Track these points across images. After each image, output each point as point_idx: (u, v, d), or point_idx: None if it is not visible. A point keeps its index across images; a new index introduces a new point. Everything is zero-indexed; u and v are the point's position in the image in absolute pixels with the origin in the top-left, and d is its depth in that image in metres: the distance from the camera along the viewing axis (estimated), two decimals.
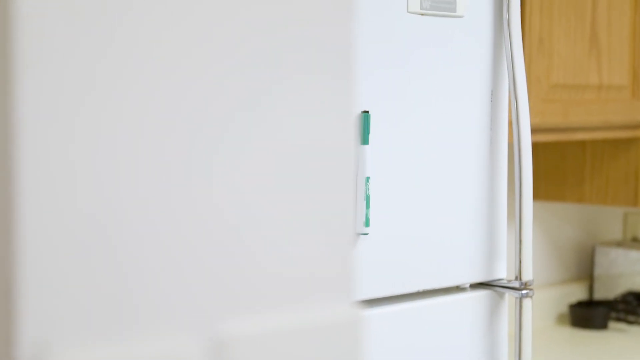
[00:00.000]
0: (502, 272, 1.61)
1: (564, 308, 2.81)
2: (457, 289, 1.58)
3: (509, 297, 1.60)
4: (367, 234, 1.41)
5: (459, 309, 1.56)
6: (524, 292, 1.57)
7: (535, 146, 2.73)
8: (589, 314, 2.72)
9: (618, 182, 2.58)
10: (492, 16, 1.56)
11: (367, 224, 1.40)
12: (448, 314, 1.55)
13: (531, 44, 2.22)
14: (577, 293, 2.86)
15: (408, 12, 1.45)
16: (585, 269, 2.93)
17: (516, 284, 1.57)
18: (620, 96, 2.44)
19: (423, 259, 1.50)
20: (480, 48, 1.55)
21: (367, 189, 1.40)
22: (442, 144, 1.52)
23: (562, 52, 2.29)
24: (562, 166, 2.70)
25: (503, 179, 1.60)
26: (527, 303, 1.57)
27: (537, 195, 2.75)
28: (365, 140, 1.40)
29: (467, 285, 1.59)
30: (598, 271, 2.85)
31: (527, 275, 1.57)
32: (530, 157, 1.56)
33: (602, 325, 2.71)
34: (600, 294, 2.84)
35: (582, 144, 2.65)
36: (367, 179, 1.40)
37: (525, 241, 1.56)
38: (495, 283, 1.60)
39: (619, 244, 2.86)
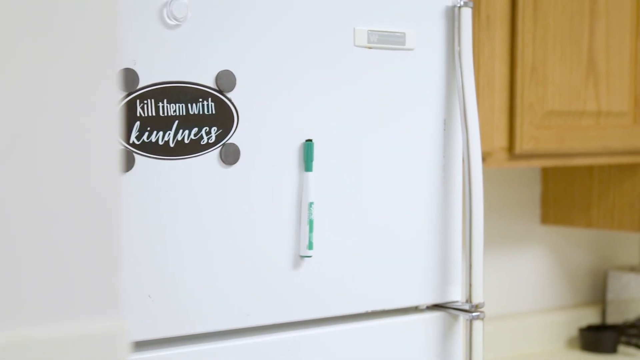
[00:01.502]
0: (457, 294, 1.67)
1: (574, 332, 2.83)
2: (411, 309, 1.64)
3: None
4: (310, 256, 1.49)
5: (412, 329, 1.62)
6: (474, 314, 1.62)
7: (545, 171, 2.78)
8: (598, 338, 2.73)
9: (624, 207, 2.60)
10: (444, 49, 1.62)
11: (310, 247, 1.48)
12: (401, 335, 1.61)
13: (524, 72, 2.27)
14: (590, 317, 2.87)
15: (355, 45, 1.53)
16: (598, 293, 2.94)
17: (467, 307, 1.63)
18: (621, 122, 2.46)
19: (373, 280, 1.57)
20: (432, 79, 1.61)
21: (310, 213, 1.48)
22: (394, 170, 1.58)
23: (557, 79, 2.33)
24: (571, 191, 2.73)
25: (457, 204, 1.66)
26: (477, 325, 1.62)
27: (546, 220, 2.79)
28: (309, 167, 1.48)
29: (424, 307, 1.65)
30: (610, 295, 2.85)
31: (477, 298, 1.62)
32: (480, 184, 1.61)
33: (611, 350, 2.72)
34: (612, 319, 2.84)
35: (590, 169, 2.68)
36: (311, 204, 1.48)
37: (476, 264, 1.61)
38: (448, 305, 1.66)
39: (632, 268, 2.86)
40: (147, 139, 1.33)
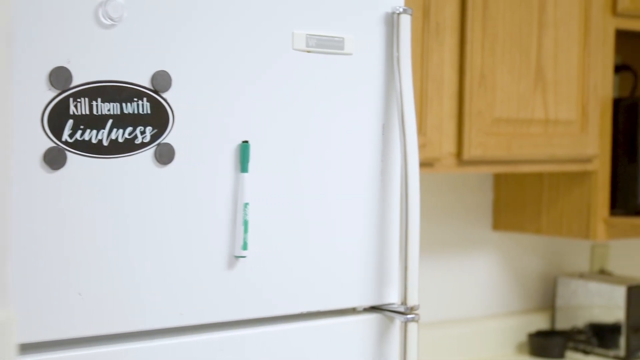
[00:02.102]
0: (394, 296, 1.69)
1: (524, 337, 2.86)
2: (348, 311, 1.66)
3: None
4: (245, 257, 1.50)
5: (348, 331, 1.63)
6: (409, 316, 1.64)
7: (497, 178, 2.81)
8: (546, 343, 2.77)
9: (572, 214, 2.64)
10: (383, 54, 1.64)
11: (244, 247, 1.49)
12: (337, 336, 1.62)
13: (472, 79, 2.31)
14: (539, 323, 2.91)
15: (293, 49, 1.54)
16: (548, 299, 2.98)
17: (402, 309, 1.65)
18: (569, 131, 2.49)
19: (309, 281, 1.59)
20: (370, 84, 1.63)
21: (245, 214, 1.49)
22: (331, 173, 1.60)
23: (505, 87, 2.36)
24: (522, 198, 2.76)
25: (395, 208, 1.68)
26: (412, 327, 1.64)
27: (498, 226, 2.83)
28: (244, 168, 1.49)
29: (361, 309, 1.67)
30: (560, 302, 2.89)
31: (412, 300, 1.64)
32: (417, 188, 1.63)
33: (559, 355, 2.75)
34: (561, 325, 2.88)
35: (540, 176, 2.71)
36: (246, 205, 1.49)
37: (411, 267, 1.63)
38: (385, 307, 1.68)
39: (581, 275, 2.90)
40: (80, 137, 1.34)
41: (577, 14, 2.47)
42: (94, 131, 1.35)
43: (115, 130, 1.37)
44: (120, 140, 1.38)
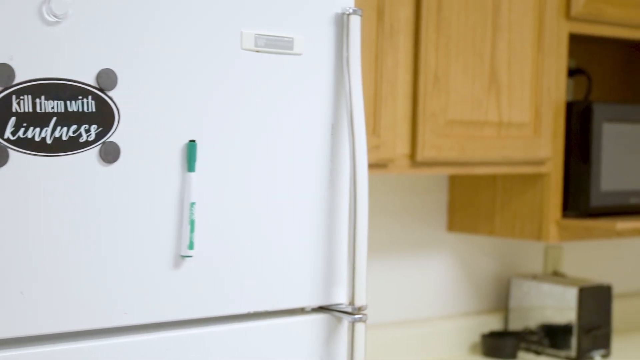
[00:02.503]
0: (342, 296, 1.69)
1: (477, 338, 2.88)
2: (296, 311, 1.66)
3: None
4: (191, 256, 1.50)
5: (296, 331, 1.64)
6: (356, 316, 1.65)
7: (452, 179, 2.83)
8: (499, 344, 2.79)
9: (525, 216, 2.66)
10: (332, 54, 1.65)
11: (191, 247, 1.49)
12: (285, 336, 1.62)
13: (427, 81, 2.32)
14: (492, 323, 2.93)
15: (242, 48, 1.54)
16: (501, 300, 3.00)
17: (349, 309, 1.65)
18: (522, 133, 2.51)
19: (257, 281, 1.59)
20: (320, 84, 1.64)
21: (191, 213, 1.49)
22: (280, 173, 1.60)
23: (459, 89, 2.38)
24: (476, 199, 2.78)
25: (344, 208, 1.68)
26: (359, 327, 1.64)
27: (453, 227, 2.84)
28: (191, 167, 1.49)
29: (309, 309, 1.67)
30: (513, 303, 2.92)
31: (360, 300, 1.65)
32: (366, 188, 1.64)
33: (511, 356, 2.77)
34: (514, 325, 2.91)
35: (494, 178, 2.73)
36: (193, 204, 1.49)
37: (359, 267, 1.64)
38: (333, 307, 1.68)
39: (534, 276, 2.93)
40: (23, 135, 1.33)
41: (531, 18, 2.50)
42: (38, 129, 1.34)
43: (59, 128, 1.36)
44: (65, 138, 1.37)
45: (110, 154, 1.41)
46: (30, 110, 1.33)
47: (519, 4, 2.46)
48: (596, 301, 2.81)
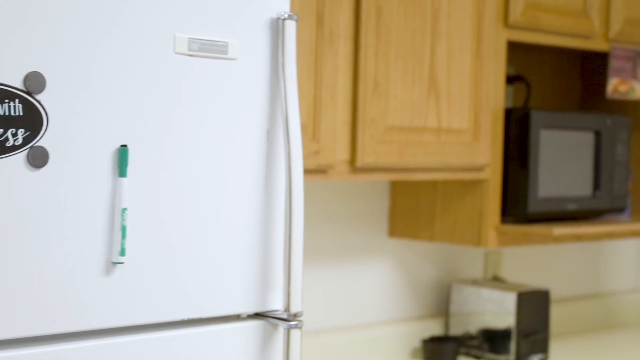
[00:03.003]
0: (277, 303, 1.68)
1: (418, 343, 2.89)
2: (232, 318, 1.64)
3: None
4: (122, 263, 1.47)
5: (232, 338, 1.62)
6: (292, 323, 1.64)
7: (393, 185, 2.84)
8: (439, 349, 2.80)
9: (465, 221, 2.68)
10: (268, 59, 1.64)
11: (122, 253, 1.47)
12: (221, 343, 1.61)
13: (366, 86, 2.32)
14: (433, 329, 2.94)
15: (175, 52, 1.53)
16: (442, 305, 3.02)
17: (285, 315, 1.64)
18: (461, 139, 2.53)
19: (191, 288, 1.57)
20: (255, 89, 1.63)
21: (123, 219, 1.47)
22: (214, 178, 1.59)
23: (399, 94, 2.38)
24: (416, 205, 2.79)
25: (280, 214, 1.67)
26: (295, 334, 1.63)
27: (394, 233, 2.85)
28: (123, 172, 1.47)
29: (245, 315, 1.66)
30: (453, 308, 2.93)
31: (296, 307, 1.64)
32: (301, 194, 1.63)
33: None
34: (454, 330, 2.92)
35: (434, 184, 2.75)
36: (124, 210, 1.47)
37: (295, 273, 1.63)
38: (268, 314, 1.67)
39: (474, 282, 2.95)
40: None
41: (470, 25, 2.51)
42: None
43: None
44: None
45: (38, 159, 1.39)
46: None
47: (457, 10, 2.48)
48: (534, 306, 2.84)
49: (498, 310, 2.81)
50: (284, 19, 1.64)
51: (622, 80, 2.88)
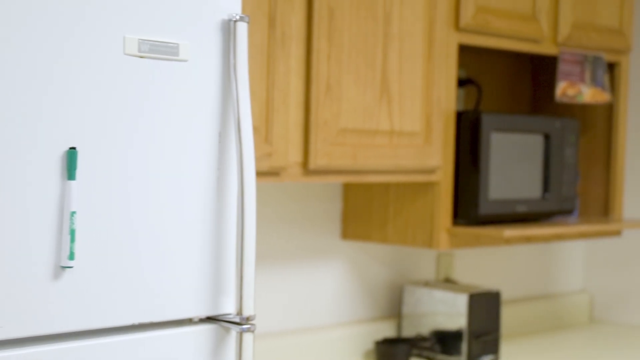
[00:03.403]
0: (230, 306, 1.67)
1: (371, 345, 2.90)
2: (184, 322, 1.63)
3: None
4: (71, 267, 1.45)
5: (184, 342, 1.61)
6: (244, 326, 1.63)
7: (346, 187, 2.84)
8: (392, 350, 2.81)
9: (417, 223, 2.69)
10: (220, 61, 1.63)
11: (71, 257, 1.45)
12: (172, 347, 1.60)
13: (319, 89, 2.32)
14: (386, 330, 2.95)
15: (125, 54, 1.51)
16: (394, 307, 3.03)
17: (237, 319, 1.63)
18: (413, 142, 2.54)
19: (142, 292, 1.55)
20: (207, 91, 1.62)
21: (72, 223, 1.45)
22: (165, 180, 1.57)
23: (351, 97, 2.39)
24: (369, 207, 2.80)
25: (232, 217, 1.67)
26: (247, 338, 1.63)
27: (347, 235, 2.85)
28: (71, 175, 1.45)
29: (197, 319, 1.65)
30: (406, 309, 2.94)
31: (248, 310, 1.63)
32: (253, 198, 1.62)
33: None
34: (407, 332, 2.93)
35: (386, 186, 2.76)
36: (73, 213, 1.45)
37: (247, 277, 1.62)
38: (221, 318, 1.66)
39: (426, 283, 2.96)
40: None
41: (421, 28, 2.53)
42: None
43: None
44: None
45: None
46: None
47: (409, 14, 2.49)
48: (485, 307, 2.86)
49: (450, 312, 2.83)
50: (235, 21, 1.63)
51: (570, 83, 2.92)
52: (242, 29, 1.63)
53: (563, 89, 2.91)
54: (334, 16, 2.33)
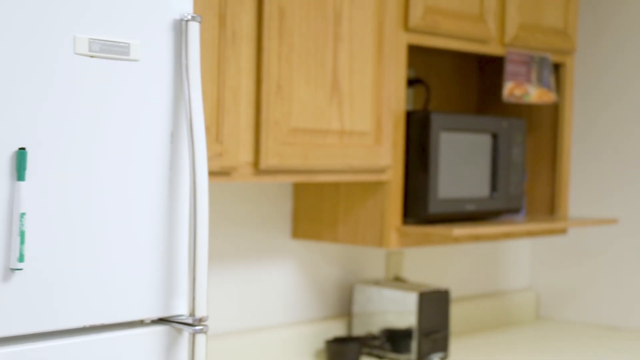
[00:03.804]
0: (182, 308, 1.66)
1: (322, 344, 2.90)
2: (136, 323, 1.62)
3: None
4: (21, 269, 1.43)
5: (136, 344, 1.60)
6: (197, 327, 1.62)
7: (296, 187, 2.84)
8: (342, 349, 2.82)
9: (367, 223, 2.70)
10: (171, 61, 1.62)
11: (21, 259, 1.43)
12: (124, 349, 1.58)
13: (269, 89, 2.32)
14: (337, 329, 2.96)
15: (75, 53, 1.49)
16: (345, 306, 3.04)
17: (190, 320, 1.63)
18: (364, 142, 2.55)
19: (93, 293, 1.54)
20: (158, 91, 1.61)
21: (21, 224, 1.43)
22: (116, 181, 1.56)
23: (302, 97, 2.39)
24: (320, 207, 2.81)
25: (184, 217, 1.66)
26: (200, 339, 1.62)
27: (297, 234, 2.85)
28: (21, 176, 1.43)
29: (149, 321, 1.63)
30: (356, 308, 2.96)
31: (201, 311, 1.62)
32: (206, 198, 1.62)
33: None
34: (357, 331, 2.95)
35: (337, 186, 2.77)
36: (22, 214, 1.43)
37: (199, 278, 1.62)
38: (173, 319, 1.65)
39: (376, 282, 2.98)
40: None
41: (371, 28, 2.54)
42: None
43: None
44: None
45: None
46: None
47: (359, 14, 2.50)
48: (435, 305, 2.89)
49: (400, 310, 2.85)
50: (187, 20, 1.62)
51: (517, 84, 2.96)
52: (194, 28, 1.62)
53: (510, 89, 2.95)
54: (285, 16, 2.33)
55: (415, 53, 2.93)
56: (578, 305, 3.57)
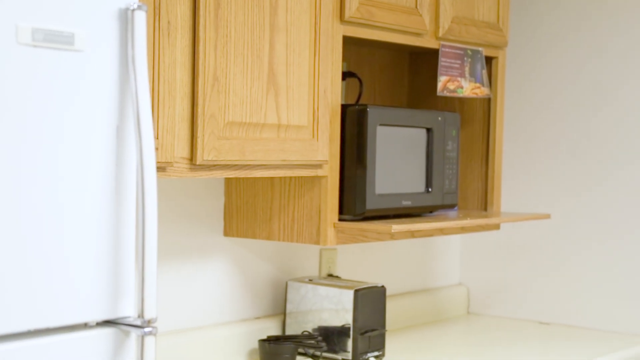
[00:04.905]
0: (130, 309, 1.59)
1: (256, 344, 2.84)
2: (80, 326, 1.53)
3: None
4: None
5: (80, 347, 1.51)
6: (146, 329, 1.55)
7: (228, 183, 2.77)
8: (276, 349, 2.76)
9: (303, 219, 2.65)
10: (117, 52, 1.54)
11: None
12: (69, 353, 1.49)
13: (206, 81, 2.24)
14: (271, 329, 2.90)
15: (18, 43, 1.40)
16: (279, 304, 2.98)
17: (139, 322, 1.55)
18: (300, 136, 2.50)
19: (34, 296, 1.45)
20: (104, 83, 1.52)
21: None
22: (59, 177, 1.47)
23: (238, 90, 2.32)
24: (253, 203, 2.74)
25: (131, 215, 1.58)
26: (149, 341, 1.55)
27: (229, 232, 2.78)
28: None
29: (94, 323, 1.55)
30: (290, 307, 2.90)
31: (150, 313, 1.55)
32: (154, 194, 1.54)
33: None
34: (292, 329, 2.89)
35: (271, 181, 2.70)
36: None
37: (148, 278, 1.54)
38: (120, 321, 1.57)
39: (310, 280, 2.93)
40: None
41: (308, 20, 2.49)
42: None
43: None
44: None
45: None
46: None
47: (295, 5, 2.45)
48: (371, 303, 2.85)
49: (335, 308, 2.81)
50: (133, 10, 1.54)
51: (451, 78, 2.95)
52: (140, 18, 1.54)
53: (444, 83, 2.94)
54: (220, 5, 2.26)
55: (347, 47, 2.89)
56: (507, 300, 3.59)
